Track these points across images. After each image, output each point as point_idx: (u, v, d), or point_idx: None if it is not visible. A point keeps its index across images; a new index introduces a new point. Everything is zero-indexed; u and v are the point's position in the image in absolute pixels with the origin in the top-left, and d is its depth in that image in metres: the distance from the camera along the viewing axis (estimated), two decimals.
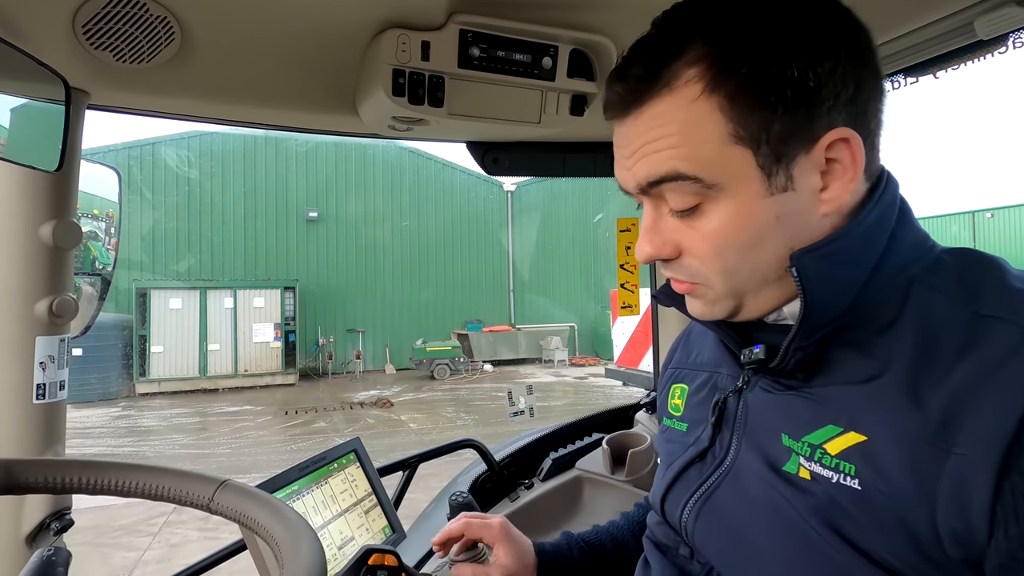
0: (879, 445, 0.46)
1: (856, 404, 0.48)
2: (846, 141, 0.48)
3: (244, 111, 1.02)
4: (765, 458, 0.54)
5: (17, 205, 0.82)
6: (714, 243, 0.51)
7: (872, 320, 0.50)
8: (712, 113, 0.48)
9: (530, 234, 16.86)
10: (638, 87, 0.50)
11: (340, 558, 0.92)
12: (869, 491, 0.46)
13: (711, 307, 0.56)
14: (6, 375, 0.83)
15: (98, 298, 1.04)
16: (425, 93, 0.87)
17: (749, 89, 0.47)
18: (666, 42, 0.50)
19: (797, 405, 0.53)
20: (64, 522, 0.86)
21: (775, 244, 0.50)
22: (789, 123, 0.47)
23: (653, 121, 0.50)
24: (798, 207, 0.50)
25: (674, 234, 0.53)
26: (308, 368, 13.79)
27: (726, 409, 0.61)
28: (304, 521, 0.50)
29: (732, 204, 0.49)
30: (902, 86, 0.99)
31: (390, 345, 14.71)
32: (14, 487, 0.51)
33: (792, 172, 0.49)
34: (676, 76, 0.48)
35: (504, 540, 0.76)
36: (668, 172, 0.50)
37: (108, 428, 9.02)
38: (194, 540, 4.32)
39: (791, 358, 0.52)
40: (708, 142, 0.48)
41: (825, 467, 0.49)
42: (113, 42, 0.77)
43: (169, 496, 0.54)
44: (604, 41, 0.92)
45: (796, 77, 0.46)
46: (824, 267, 0.49)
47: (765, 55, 0.46)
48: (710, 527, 0.59)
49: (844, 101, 0.48)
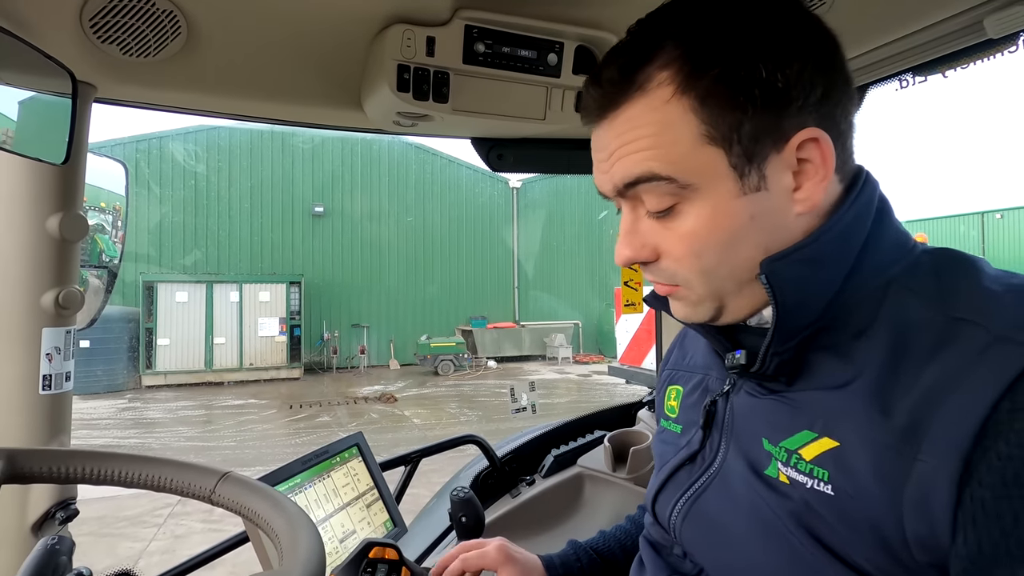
0: (850, 451, 0.46)
1: (830, 410, 0.49)
2: (816, 141, 0.49)
3: (249, 106, 1.02)
4: (749, 462, 0.55)
5: (24, 197, 0.83)
6: (690, 244, 0.52)
7: (849, 323, 0.51)
8: (684, 114, 0.49)
9: (535, 231, 16.85)
10: (612, 91, 0.51)
11: (342, 551, 0.92)
12: (841, 497, 0.46)
13: (693, 309, 0.56)
14: (13, 366, 0.84)
15: (104, 291, 1.05)
16: (430, 89, 0.87)
17: (719, 90, 0.48)
18: (639, 47, 0.51)
19: (776, 410, 0.53)
20: (69, 512, 0.87)
21: (751, 245, 0.51)
22: (759, 123, 0.48)
23: (627, 124, 0.51)
24: (772, 207, 0.50)
25: (652, 236, 0.54)
26: (313, 362, 13.85)
27: (715, 412, 0.61)
28: (304, 514, 0.50)
29: (707, 204, 0.50)
30: (910, 85, 0.98)
31: (394, 341, 14.75)
32: (20, 476, 0.52)
33: (764, 172, 0.49)
34: (649, 79, 0.50)
35: (505, 563, 0.74)
36: (643, 173, 0.50)
37: (114, 420, 9.10)
38: (198, 532, 4.35)
39: (770, 363, 0.52)
40: (681, 143, 0.49)
41: (800, 472, 0.49)
42: (120, 36, 0.77)
43: (171, 487, 0.55)
44: (610, 37, 0.92)
45: (765, 78, 0.47)
46: (796, 271, 0.50)
47: (735, 57, 0.48)
48: (697, 528, 0.60)
49: (813, 102, 0.49)
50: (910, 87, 0.98)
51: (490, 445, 1.43)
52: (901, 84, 0.98)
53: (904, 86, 0.98)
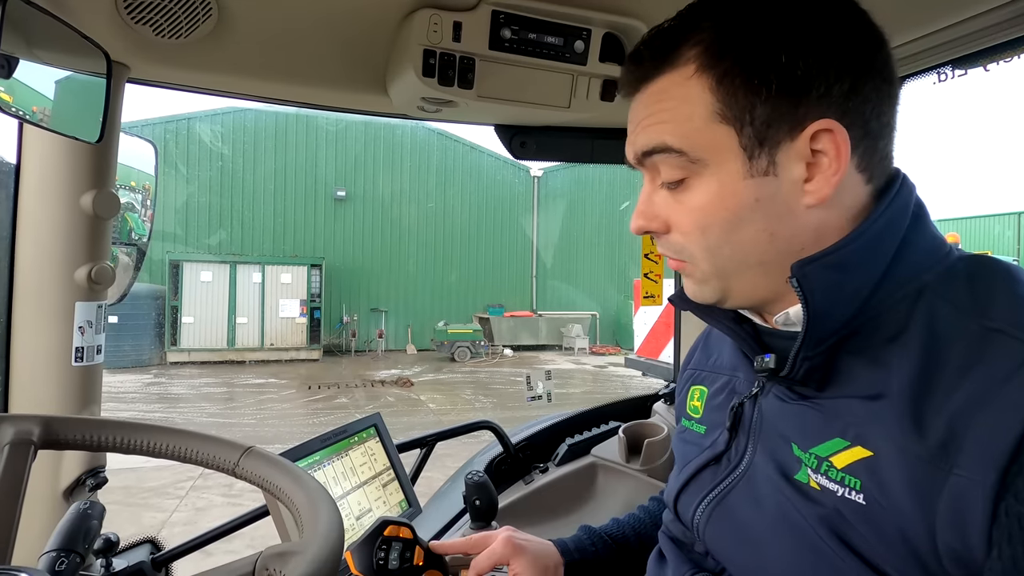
0: (883, 461, 0.46)
1: (862, 418, 0.48)
2: (831, 133, 0.48)
3: (276, 88, 1.03)
4: (778, 465, 0.55)
5: (60, 175, 0.85)
6: (697, 219, 0.53)
7: (880, 328, 0.50)
8: (702, 92, 0.50)
9: (555, 220, 16.76)
10: (648, 65, 0.53)
11: (358, 528, 0.94)
12: (872, 507, 0.46)
13: (700, 287, 0.57)
14: (47, 338, 0.87)
15: (134, 268, 1.08)
16: (455, 75, 0.87)
17: (736, 71, 0.49)
18: (680, 26, 0.52)
19: (807, 416, 0.53)
20: (98, 479, 0.91)
21: (755, 227, 0.51)
22: (774, 108, 0.49)
23: (654, 96, 0.53)
24: (779, 193, 0.50)
25: (664, 208, 0.56)
26: (332, 345, 14.05)
27: (742, 414, 0.61)
28: (324, 489, 0.51)
29: (714, 181, 0.51)
30: (949, 78, 0.95)
31: (412, 326, 14.88)
32: (55, 442, 0.54)
33: (775, 158, 0.50)
34: (679, 56, 0.51)
35: (515, 554, 0.73)
36: (657, 144, 0.53)
37: (140, 394, 9.37)
38: (219, 505, 4.48)
39: (800, 368, 0.51)
40: (695, 118, 0.51)
41: (831, 480, 0.49)
42: (153, 17, 0.79)
43: (198, 459, 0.57)
44: (638, 25, 0.90)
45: (784, 64, 0.48)
46: (828, 276, 0.49)
47: (757, 41, 0.49)
48: (721, 529, 0.60)
49: (837, 95, 0.48)
50: (949, 80, 0.95)
51: (505, 432, 1.44)
52: (940, 77, 0.95)
53: (943, 79, 0.95)
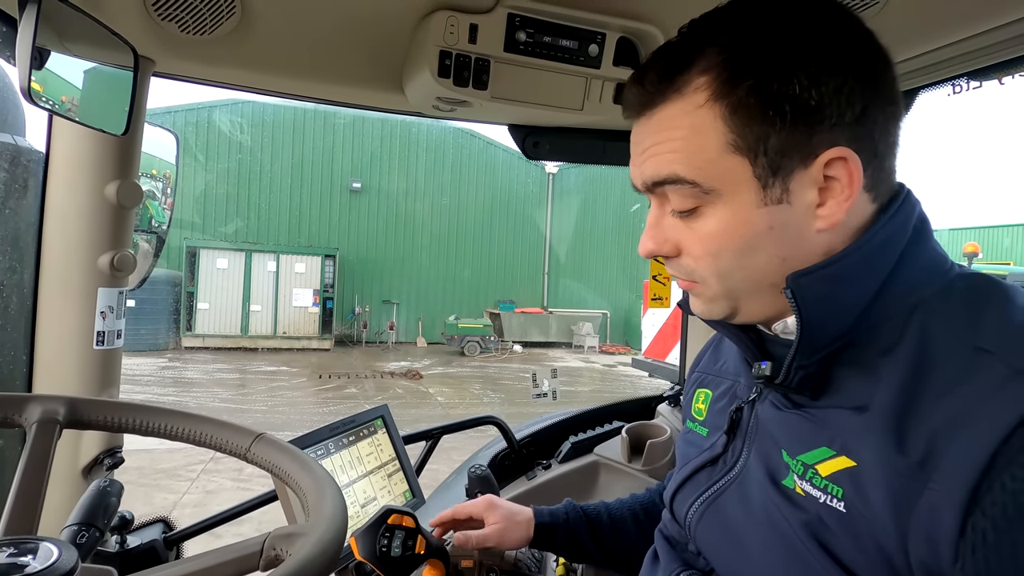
0: (866, 473, 0.47)
1: (849, 430, 0.49)
2: (844, 160, 0.48)
3: (296, 84, 1.06)
4: (768, 470, 0.56)
5: (87, 165, 0.88)
6: (708, 245, 0.53)
7: (876, 342, 0.50)
8: (714, 121, 0.49)
9: (569, 217, 16.72)
10: (653, 90, 0.52)
11: (362, 515, 0.97)
12: (853, 515, 0.47)
13: (709, 305, 0.57)
14: (70, 321, 0.90)
15: (153, 254, 1.11)
16: (470, 75, 0.88)
17: (751, 102, 0.48)
18: (684, 49, 0.51)
19: (798, 424, 0.54)
20: (116, 459, 0.94)
21: (768, 253, 0.52)
22: (788, 138, 0.48)
23: (662, 124, 0.52)
24: (793, 220, 0.50)
25: (674, 233, 0.55)
26: (343, 335, 14.18)
27: (740, 418, 0.62)
28: (330, 476, 0.53)
29: (728, 210, 0.51)
30: (964, 90, 0.95)
31: (423, 319, 14.96)
32: (78, 422, 0.57)
33: (789, 186, 0.50)
34: (687, 82, 0.50)
35: (488, 508, 0.86)
36: (669, 175, 0.52)
37: (155, 377, 9.53)
38: (228, 488, 4.56)
39: (794, 376, 0.52)
40: (708, 149, 0.50)
41: (815, 487, 0.50)
42: (179, 14, 0.81)
43: (211, 443, 0.59)
44: (652, 30, 0.91)
45: (797, 94, 0.47)
46: (821, 288, 0.50)
47: (770, 70, 0.48)
48: (711, 529, 0.62)
49: (849, 121, 0.48)
50: (964, 92, 0.95)
51: (509, 427, 1.46)
52: (955, 89, 0.94)
53: (958, 91, 0.94)
